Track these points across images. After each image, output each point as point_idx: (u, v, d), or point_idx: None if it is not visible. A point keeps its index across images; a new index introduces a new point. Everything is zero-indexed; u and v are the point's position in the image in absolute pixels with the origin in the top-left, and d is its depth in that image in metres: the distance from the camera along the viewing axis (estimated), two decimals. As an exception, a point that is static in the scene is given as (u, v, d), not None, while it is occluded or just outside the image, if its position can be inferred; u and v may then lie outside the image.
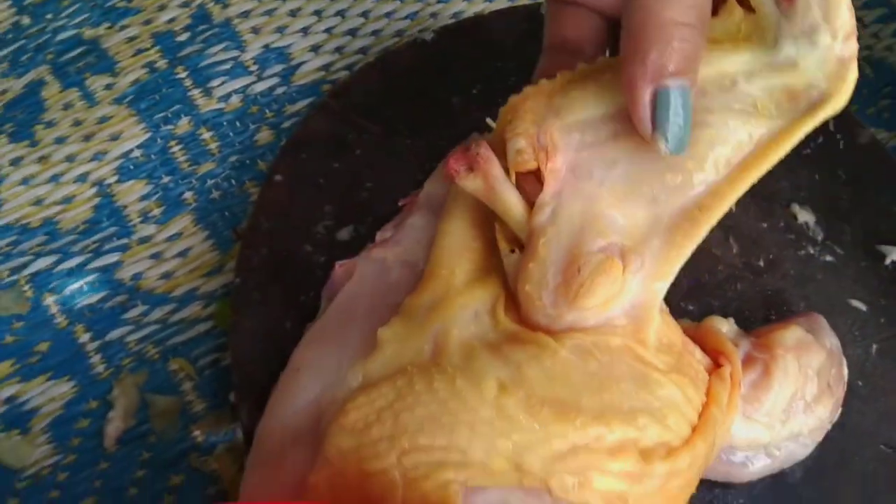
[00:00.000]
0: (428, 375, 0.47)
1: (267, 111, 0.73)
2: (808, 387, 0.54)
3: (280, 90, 0.74)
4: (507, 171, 0.50)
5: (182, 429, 0.64)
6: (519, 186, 0.49)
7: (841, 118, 0.67)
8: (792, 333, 0.55)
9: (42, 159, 0.72)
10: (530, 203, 0.49)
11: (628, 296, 0.48)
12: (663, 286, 0.48)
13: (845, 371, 0.57)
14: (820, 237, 0.65)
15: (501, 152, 0.50)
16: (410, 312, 0.51)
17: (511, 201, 0.49)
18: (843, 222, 0.65)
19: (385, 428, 0.47)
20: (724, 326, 0.55)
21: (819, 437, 0.56)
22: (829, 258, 0.64)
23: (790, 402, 0.54)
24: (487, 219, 0.52)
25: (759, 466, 0.55)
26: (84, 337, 0.67)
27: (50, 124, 0.73)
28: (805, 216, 0.65)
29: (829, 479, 0.58)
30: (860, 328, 0.62)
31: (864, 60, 0.76)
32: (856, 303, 0.63)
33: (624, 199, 0.48)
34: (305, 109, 0.72)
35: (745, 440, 0.53)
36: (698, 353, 0.52)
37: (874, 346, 0.62)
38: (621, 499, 0.47)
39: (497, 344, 0.49)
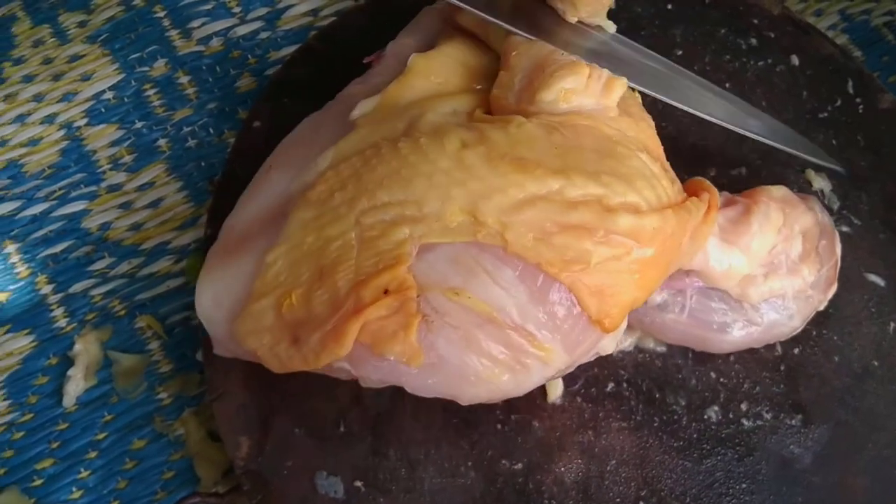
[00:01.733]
0: (395, 142, 0.47)
1: (249, 56, 0.69)
2: (792, 244, 0.53)
3: (264, 35, 0.70)
4: None
5: (147, 390, 0.60)
6: None
7: (861, 81, 0.63)
8: (778, 189, 0.54)
9: (8, 98, 0.67)
10: None
11: (592, 96, 0.48)
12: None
13: (838, 248, 0.55)
14: (836, 206, 0.61)
15: None
16: (390, 100, 0.50)
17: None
18: (860, 191, 0.61)
19: (346, 192, 0.46)
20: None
21: (806, 312, 0.54)
22: (845, 228, 0.60)
23: (772, 253, 0.52)
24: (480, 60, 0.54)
25: (738, 335, 0.54)
26: (46, 288, 0.63)
27: (18, 61, 0.69)
28: (820, 183, 0.61)
29: (842, 466, 0.54)
30: (877, 304, 0.58)
31: (886, 26, 0.72)
32: (872, 277, 0.59)
33: None
34: (291, 55, 0.67)
35: (724, 270, 0.52)
36: (677, 184, 0.51)
37: (892, 325, 0.58)
38: (582, 260, 0.45)
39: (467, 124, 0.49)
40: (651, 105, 0.62)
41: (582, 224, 0.45)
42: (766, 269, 0.53)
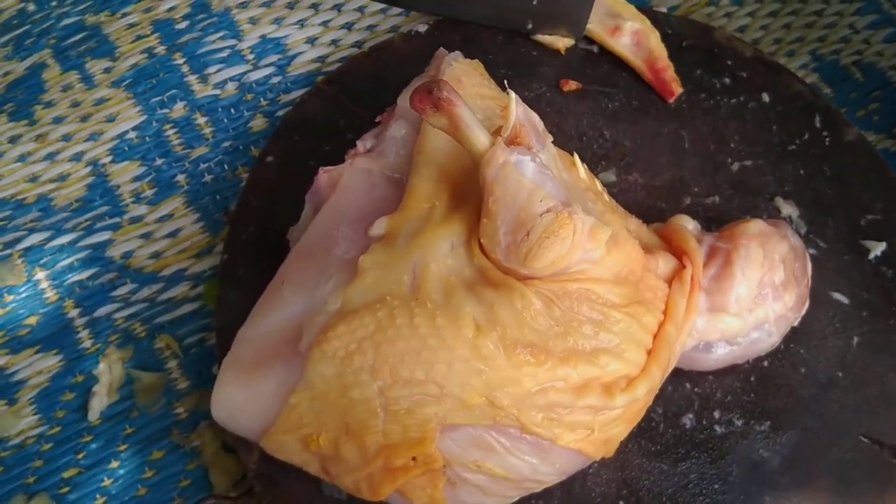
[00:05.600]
0: (408, 310, 0.49)
1: (262, 99, 0.74)
2: (776, 272, 0.57)
3: (275, 79, 0.75)
4: None
5: (165, 405, 0.65)
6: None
7: (828, 116, 0.68)
8: (755, 225, 0.58)
9: (39, 137, 0.73)
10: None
11: (579, 251, 0.49)
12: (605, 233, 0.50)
13: (809, 266, 0.59)
14: (803, 230, 0.65)
15: None
16: (391, 240, 0.52)
17: (475, 140, 0.50)
18: (826, 216, 0.66)
19: (366, 358, 0.49)
20: (690, 224, 0.59)
21: (784, 329, 0.58)
22: (811, 251, 0.64)
23: (759, 287, 0.56)
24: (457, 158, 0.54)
25: (721, 353, 0.58)
26: (73, 312, 0.68)
27: (49, 105, 0.74)
28: (789, 209, 0.66)
29: (807, 468, 0.58)
30: (842, 320, 0.62)
31: (855, 65, 0.76)
32: (838, 295, 0.63)
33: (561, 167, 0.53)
34: (301, 97, 0.73)
35: (718, 332, 0.56)
36: (662, 262, 0.55)
37: (855, 339, 0.62)
38: (588, 428, 0.51)
39: (472, 283, 0.50)
40: (634, 148, 0.68)
41: (587, 406, 0.50)
42: (753, 305, 0.56)
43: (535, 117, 0.54)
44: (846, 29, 0.78)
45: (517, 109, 0.51)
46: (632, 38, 0.70)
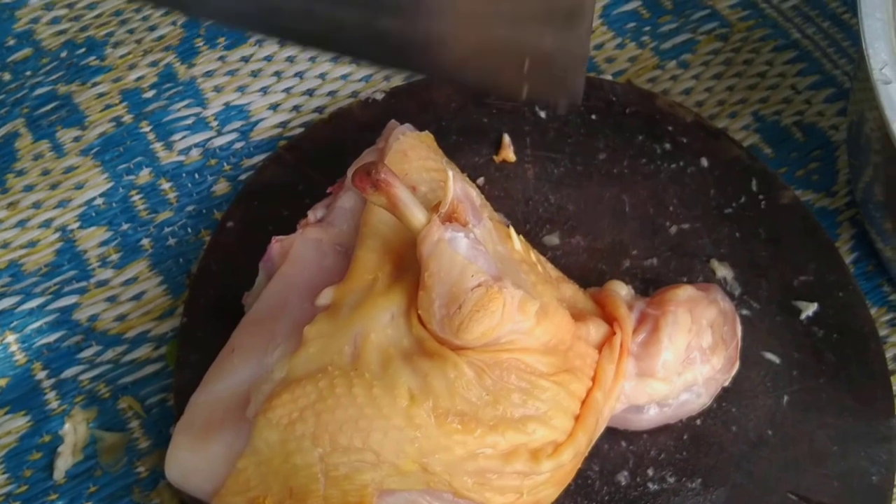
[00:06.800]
0: (348, 380, 0.53)
1: (225, 164, 0.78)
2: (703, 336, 0.60)
3: (238, 145, 0.78)
4: None
5: (127, 464, 0.68)
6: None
7: (764, 179, 0.71)
8: (683, 291, 0.61)
9: (10, 205, 0.76)
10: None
11: (509, 323, 0.52)
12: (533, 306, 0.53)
13: (739, 328, 0.62)
14: (737, 292, 0.68)
15: None
16: (335, 310, 0.55)
17: (412, 217, 0.53)
18: (760, 278, 0.68)
19: (308, 426, 0.52)
20: (623, 290, 0.62)
21: (713, 390, 0.61)
22: (745, 312, 0.67)
23: (687, 352, 0.59)
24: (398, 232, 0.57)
25: (653, 414, 0.61)
26: (41, 374, 0.70)
27: (20, 173, 0.77)
28: (723, 272, 0.68)
29: (737, 523, 0.61)
30: (772, 380, 0.65)
31: (796, 125, 0.79)
32: (769, 355, 0.66)
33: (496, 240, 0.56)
34: (262, 163, 0.76)
35: (647, 396, 0.59)
36: (593, 329, 0.58)
37: (785, 398, 0.64)
38: (517, 492, 0.54)
39: (409, 353, 0.54)
40: (577, 212, 0.71)
41: (515, 471, 0.53)
42: (681, 368, 0.59)
43: (473, 192, 0.57)
44: (788, 90, 0.81)
45: (455, 186, 0.54)
46: None
